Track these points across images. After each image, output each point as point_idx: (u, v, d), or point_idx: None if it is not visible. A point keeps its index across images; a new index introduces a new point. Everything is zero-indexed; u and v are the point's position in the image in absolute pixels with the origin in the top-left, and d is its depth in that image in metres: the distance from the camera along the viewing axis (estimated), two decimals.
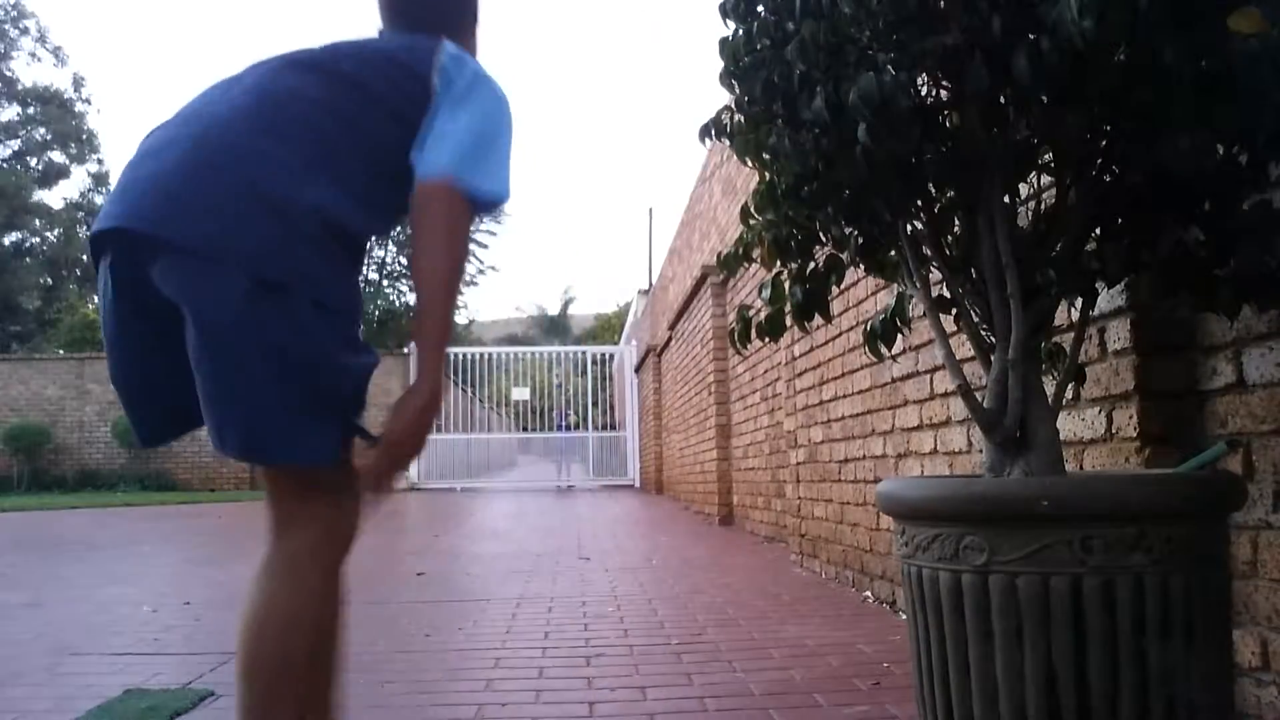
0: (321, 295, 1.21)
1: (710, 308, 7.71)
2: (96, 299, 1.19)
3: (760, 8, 1.48)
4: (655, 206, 78.85)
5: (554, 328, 43.53)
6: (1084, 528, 1.23)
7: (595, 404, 19.08)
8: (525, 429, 21.78)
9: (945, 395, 2.80)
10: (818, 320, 1.79)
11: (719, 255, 1.89)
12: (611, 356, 22.22)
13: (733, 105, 1.60)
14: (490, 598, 3.67)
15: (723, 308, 7.62)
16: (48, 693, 2.26)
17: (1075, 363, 1.56)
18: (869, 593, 3.43)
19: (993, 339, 1.49)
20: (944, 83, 1.41)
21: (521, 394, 18.20)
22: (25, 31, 28.64)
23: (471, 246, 17.99)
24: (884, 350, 1.77)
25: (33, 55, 29.81)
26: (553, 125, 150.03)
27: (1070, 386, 1.89)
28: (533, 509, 9.98)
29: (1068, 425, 1.99)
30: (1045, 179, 1.71)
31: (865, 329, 1.77)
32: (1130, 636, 1.21)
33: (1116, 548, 1.22)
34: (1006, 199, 1.46)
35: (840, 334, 3.83)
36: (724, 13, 1.54)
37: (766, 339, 1.82)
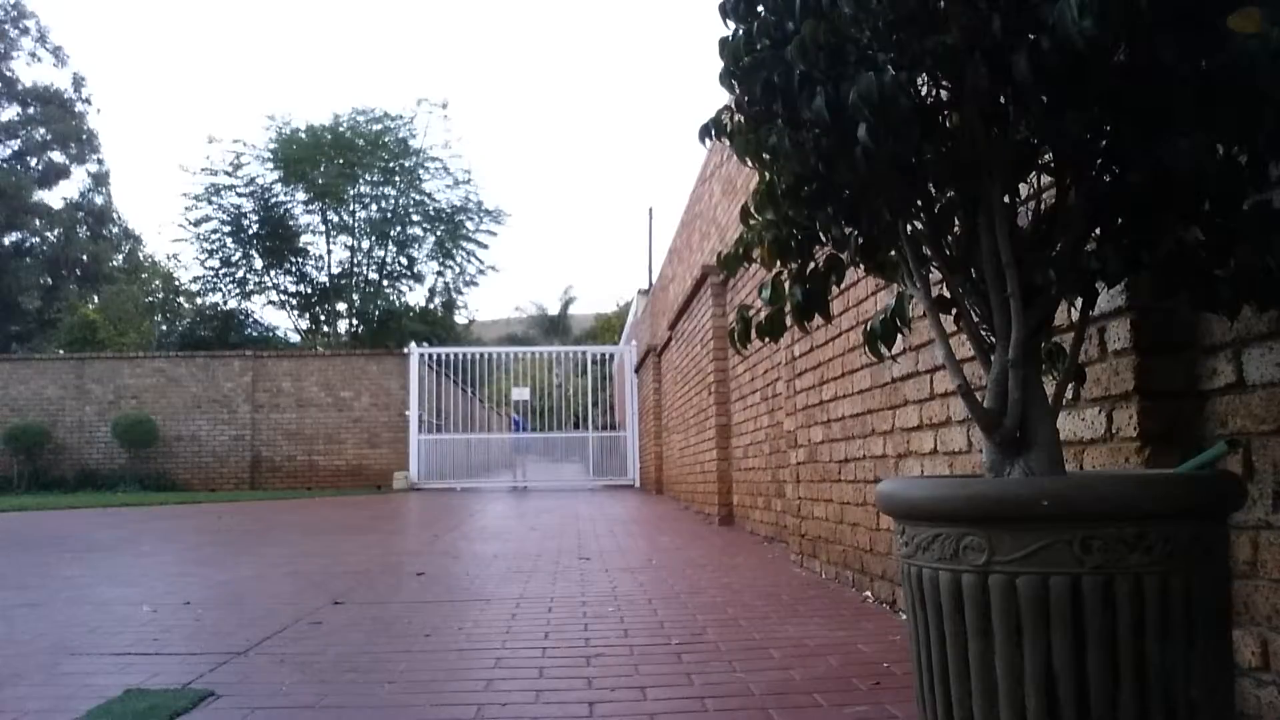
0: None
1: (710, 308, 7.71)
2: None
3: (760, 8, 1.48)
4: (655, 206, 78.80)
5: (554, 328, 43.51)
6: (1084, 528, 1.23)
7: (595, 404, 19.08)
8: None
9: (945, 395, 2.80)
10: (818, 320, 1.79)
11: (719, 255, 1.89)
12: (611, 356, 22.23)
13: (733, 105, 1.60)
14: (490, 598, 3.67)
15: (723, 308, 7.62)
16: (48, 693, 2.26)
17: (1075, 363, 1.56)
18: (869, 593, 3.43)
19: (993, 339, 1.49)
20: (944, 83, 1.41)
21: (521, 394, 18.22)
22: (25, 31, 28.62)
23: (471, 246, 17.83)
24: (884, 350, 1.77)
25: (33, 55, 29.68)
26: (552, 125, 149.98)
27: (1070, 386, 1.89)
28: (532, 509, 9.99)
29: (1068, 425, 1.99)
30: (1045, 179, 1.71)
31: (865, 329, 1.77)
32: (1130, 637, 1.21)
33: (1116, 548, 1.22)
34: (1006, 199, 1.46)
35: (840, 334, 3.83)
36: (724, 13, 1.54)
37: (766, 339, 1.82)
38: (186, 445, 17.10)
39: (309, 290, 24.12)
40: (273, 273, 23.81)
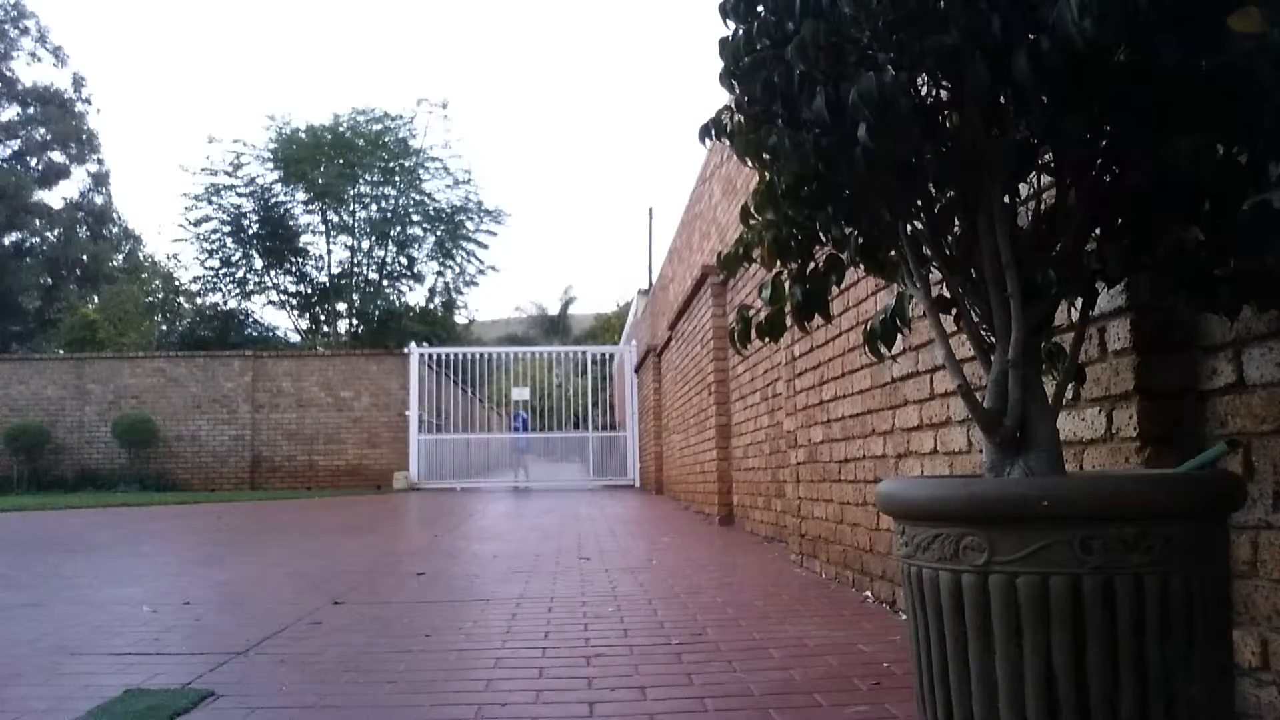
0: None
1: (710, 308, 7.71)
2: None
3: (760, 8, 1.48)
4: (655, 206, 78.79)
5: (554, 328, 43.51)
6: (1084, 528, 1.23)
7: (595, 404, 19.07)
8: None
9: (945, 395, 2.80)
10: (818, 320, 1.79)
11: (719, 255, 1.89)
12: (611, 356, 22.23)
13: (733, 105, 1.60)
14: (490, 598, 3.67)
15: (723, 308, 7.62)
16: (48, 693, 2.26)
17: (1075, 363, 1.56)
18: (869, 593, 3.43)
19: (993, 339, 1.49)
20: (944, 83, 1.41)
21: (521, 394, 18.23)
22: (25, 31, 28.61)
23: (471, 246, 17.77)
24: (884, 350, 1.77)
25: (33, 55, 29.68)
26: (552, 125, 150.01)
27: (1070, 386, 1.89)
28: (533, 509, 9.99)
29: (1068, 425, 1.99)
30: (1045, 179, 1.71)
31: (865, 329, 1.77)
32: (1130, 636, 1.21)
33: (1116, 548, 1.22)
34: (1006, 199, 1.46)
35: (840, 334, 3.83)
36: (724, 13, 1.54)
37: (766, 339, 1.83)
38: (186, 445, 17.10)
39: (309, 290, 24.12)
40: (273, 273, 23.82)
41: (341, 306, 24.05)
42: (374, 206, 23.53)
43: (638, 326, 18.18)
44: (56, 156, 29.34)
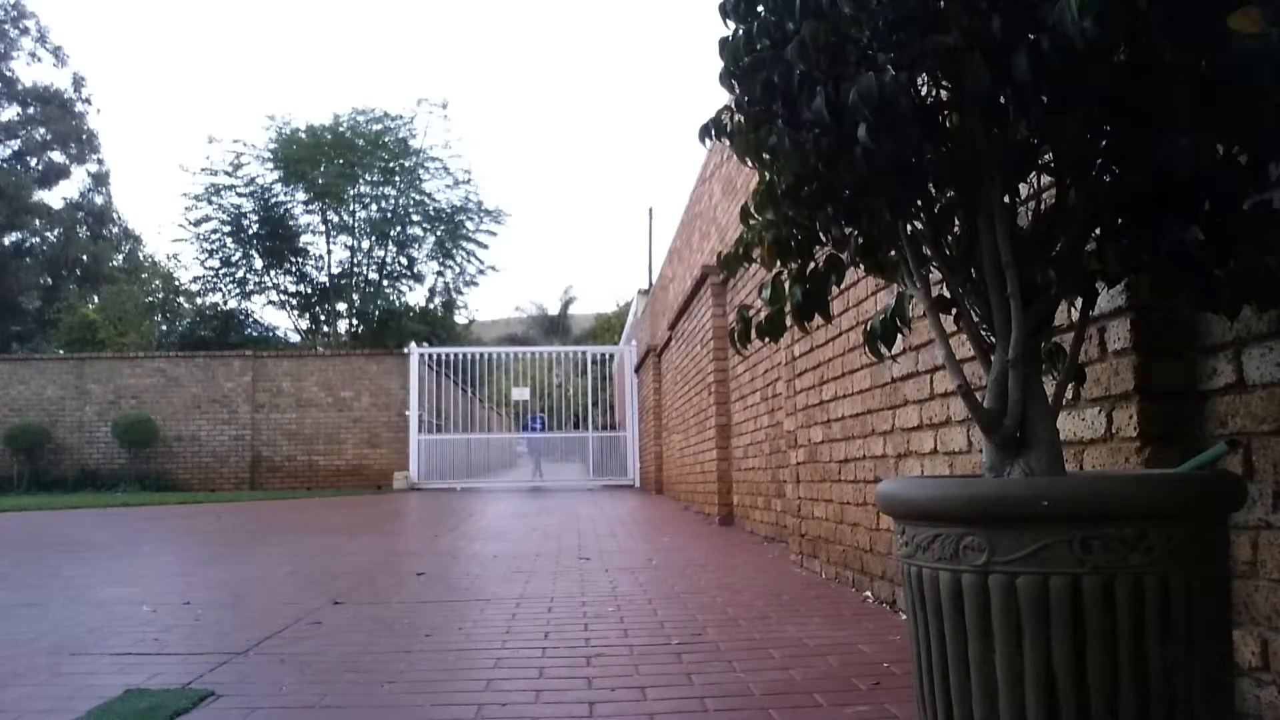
0: None
1: (710, 308, 7.71)
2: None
3: (760, 8, 1.48)
4: (655, 206, 78.72)
5: (554, 328, 43.49)
6: (1084, 528, 1.23)
7: (595, 404, 19.07)
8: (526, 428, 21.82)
9: (945, 395, 2.80)
10: (818, 320, 1.79)
11: (719, 255, 1.89)
12: (611, 356, 22.22)
13: (733, 105, 1.60)
14: (490, 598, 3.67)
15: (723, 308, 7.62)
16: (48, 693, 2.26)
17: (1075, 363, 1.56)
18: (869, 593, 3.43)
19: (993, 339, 1.49)
20: (944, 83, 1.41)
21: (521, 394, 18.23)
22: (25, 31, 28.61)
23: (471, 246, 17.79)
24: (884, 350, 1.77)
25: (33, 55, 29.64)
26: (552, 125, 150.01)
27: (1070, 386, 1.89)
28: (532, 509, 9.99)
29: (1068, 425, 1.99)
30: (1045, 179, 1.71)
31: (865, 329, 1.77)
32: (1130, 637, 1.21)
33: (1116, 548, 1.22)
34: (1006, 199, 1.46)
35: (840, 334, 3.83)
36: (724, 13, 1.54)
37: (766, 339, 1.83)
38: (186, 445, 17.10)
39: (309, 290, 24.10)
40: (273, 273, 23.80)
41: (341, 306, 24.05)
42: (374, 206, 23.52)
43: (638, 326, 18.17)
44: (56, 156, 29.32)
